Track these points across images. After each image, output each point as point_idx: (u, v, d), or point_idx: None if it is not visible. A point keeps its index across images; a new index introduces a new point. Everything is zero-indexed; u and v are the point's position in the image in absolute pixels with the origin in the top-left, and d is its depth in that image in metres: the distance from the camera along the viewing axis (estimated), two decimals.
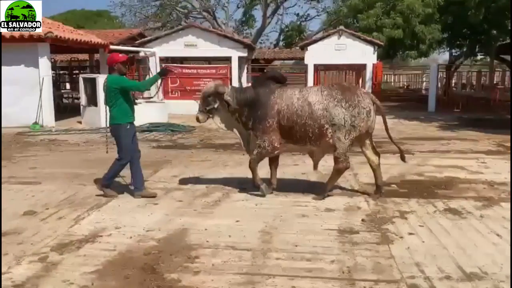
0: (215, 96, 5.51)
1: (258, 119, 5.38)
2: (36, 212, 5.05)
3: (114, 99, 5.46)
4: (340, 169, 5.41)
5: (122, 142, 5.57)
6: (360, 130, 5.23)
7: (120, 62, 5.51)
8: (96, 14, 47.36)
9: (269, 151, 5.47)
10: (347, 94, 5.20)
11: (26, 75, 12.25)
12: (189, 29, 16.27)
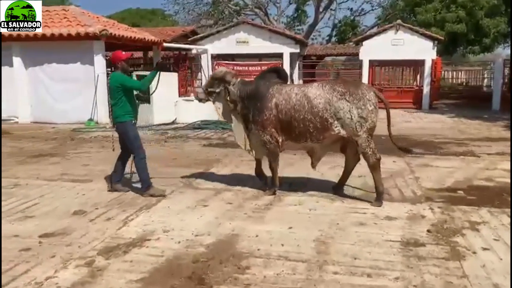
0: (220, 81, 5.55)
1: (257, 111, 5.35)
2: (85, 212, 4.98)
3: (117, 97, 5.46)
4: (374, 164, 5.15)
5: (133, 139, 5.63)
6: (373, 121, 5.05)
7: (124, 60, 5.52)
8: (151, 13, 48.50)
9: (275, 144, 5.40)
10: (350, 87, 5.07)
11: (82, 72, 12.51)
12: (240, 26, 16.11)
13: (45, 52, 12.54)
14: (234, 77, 5.62)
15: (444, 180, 6.29)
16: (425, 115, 14.49)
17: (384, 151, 8.12)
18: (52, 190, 5.87)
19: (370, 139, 5.09)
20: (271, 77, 5.49)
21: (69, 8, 13.47)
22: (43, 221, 4.69)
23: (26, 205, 5.24)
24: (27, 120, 12.84)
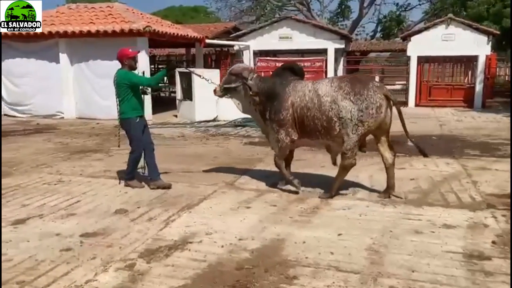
0: (238, 77, 5.57)
1: (274, 111, 5.33)
2: (127, 211, 4.88)
3: (124, 94, 5.53)
4: (346, 166, 5.12)
5: (132, 135, 5.70)
6: (369, 126, 4.90)
7: (130, 57, 5.59)
8: (193, 10, 48.95)
9: (288, 143, 5.37)
10: (357, 86, 4.90)
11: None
12: (284, 21, 15.82)
13: (90, 49, 12.69)
14: (252, 72, 5.67)
15: (505, 185, 5.81)
16: (478, 114, 13.74)
17: (436, 151, 7.71)
18: (95, 187, 5.82)
19: (357, 144, 5.00)
20: (287, 75, 5.45)
21: (114, 5, 13.57)
22: (85, 220, 4.61)
23: (68, 202, 5.19)
24: (73, 116, 13.06)
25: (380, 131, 5.14)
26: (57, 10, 14.15)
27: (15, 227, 4.40)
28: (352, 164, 5.10)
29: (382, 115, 4.90)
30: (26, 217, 4.69)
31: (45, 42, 12.91)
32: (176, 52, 22.84)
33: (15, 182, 6.10)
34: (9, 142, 9.33)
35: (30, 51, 13.10)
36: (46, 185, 5.96)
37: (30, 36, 12.78)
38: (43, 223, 4.53)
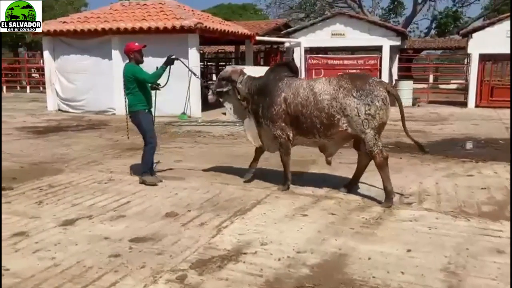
0: (228, 81, 5.57)
1: (266, 106, 5.30)
2: (177, 215, 4.65)
3: (130, 87, 5.62)
4: (381, 163, 4.92)
5: (144, 127, 5.75)
6: (381, 118, 4.82)
7: (136, 51, 5.64)
8: (242, 8, 49.03)
9: (286, 138, 5.33)
10: (358, 82, 4.86)
11: (176, 66, 12.47)
12: (336, 17, 15.30)
13: None
14: (241, 75, 5.60)
15: None
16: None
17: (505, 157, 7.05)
18: (144, 188, 5.66)
19: (377, 137, 4.89)
20: (282, 71, 5.40)
21: (166, 2, 13.54)
22: (134, 223, 4.42)
23: (118, 203, 5.04)
24: (124, 112, 13.10)
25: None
26: (111, 7, 14.31)
27: (64, 228, 4.26)
28: (385, 157, 4.92)
29: (389, 107, 4.85)
30: (75, 217, 4.57)
31: (98, 39, 13.06)
32: (225, 50, 22.71)
33: (66, 179, 6.04)
34: (62, 137, 9.43)
35: (84, 48, 13.30)
36: (96, 183, 5.86)
37: (84, 33, 13.00)
38: (92, 225, 4.37)
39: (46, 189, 5.56)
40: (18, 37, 25.19)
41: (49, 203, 5.03)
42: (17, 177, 6.15)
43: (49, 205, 4.96)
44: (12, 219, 4.51)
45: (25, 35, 23.96)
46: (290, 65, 5.57)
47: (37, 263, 3.52)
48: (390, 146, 8.31)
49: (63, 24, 13.47)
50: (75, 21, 13.48)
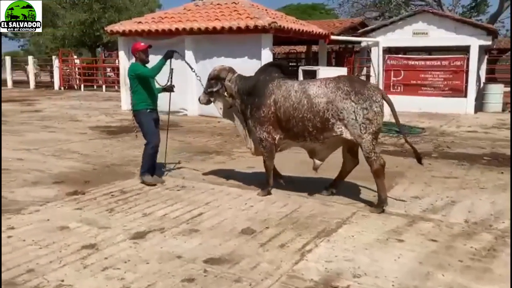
0: (217, 80, 5.49)
1: (255, 107, 5.17)
2: (254, 232, 4.21)
3: (134, 86, 5.70)
4: (377, 170, 4.80)
5: (145, 127, 5.76)
6: (378, 123, 4.70)
7: (141, 50, 5.74)
8: (311, 7, 48.35)
9: (272, 142, 5.19)
10: (357, 86, 4.72)
11: (249, 67, 12.02)
12: (419, 15, 14.24)
13: (214, 46, 12.51)
14: (230, 72, 5.50)
15: None
16: None
17: None
18: (218, 197, 5.28)
19: (375, 143, 4.76)
20: (272, 72, 5.25)
21: (239, 1, 13.25)
22: (209, 240, 4.03)
23: (191, 214, 4.69)
24: (195, 113, 13.00)
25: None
26: (184, 7, 14.25)
27: (134, 243, 3.95)
28: (381, 164, 4.79)
29: (383, 114, 4.75)
30: (146, 229, 4.25)
31: (172, 39, 13.00)
32: (297, 50, 22.19)
33: (137, 185, 5.80)
34: (134, 138, 9.33)
35: (158, 49, 13.24)
36: (168, 190, 5.56)
37: (158, 33, 13.00)
38: (164, 240, 4.03)
39: (117, 195, 5.34)
40: (96, 38, 26.18)
41: (120, 211, 4.78)
42: (90, 180, 6.01)
43: (120, 214, 4.70)
44: (83, 228, 4.28)
45: (102, 36, 24.82)
46: (281, 66, 5.46)
47: (106, 285, 3.20)
48: (486, 158, 7.42)
49: (138, 24, 13.58)
50: (149, 21, 13.55)
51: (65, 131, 10.22)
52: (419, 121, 11.81)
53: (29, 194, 5.37)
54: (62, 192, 5.46)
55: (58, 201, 5.11)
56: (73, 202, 5.09)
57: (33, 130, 10.35)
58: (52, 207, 4.93)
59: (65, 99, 18.03)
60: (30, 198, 5.20)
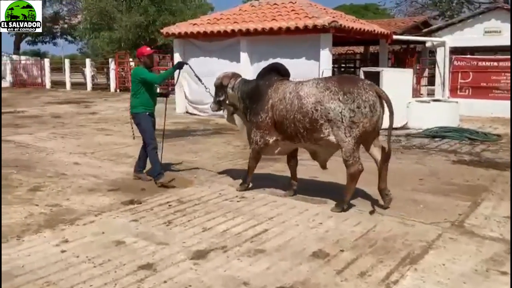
0: (221, 88, 5.54)
1: (254, 112, 5.19)
2: (328, 255, 3.71)
3: (135, 89, 5.83)
4: (353, 173, 4.70)
5: (144, 129, 5.89)
6: (364, 127, 4.52)
7: (146, 55, 5.83)
8: (364, 8, 47.23)
9: (261, 146, 5.22)
10: (346, 85, 4.58)
11: (306, 68, 11.61)
12: (491, 12, 13.19)
13: (271, 47, 12.10)
14: (232, 78, 5.51)
15: None
16: None
17: None
18: (282, 211, 4.83)
19: (356, 148, 4.62)
20: (271, 76, 5.20)
21: (296, 0, 12.76)
22: (277, 263, 3.58)
23: (254, 231, 4.25)
24: None
25: (373, 134, 4.75)
26: (240, 8, 13.97)
27: (195, 263, 3.56)
28: (359, 170, 4.67)
29: (377, 113, 4.58)
30: (207, 247, 3.86)
31: (227, 41, 12.75)
32: (354, 51, 21.41)
33: (195, 194, 5.46)
34: (190, 142, 9.09)
35: (213, 50, 13.08)
36: (228, 201, 5.17)
37: (213, 35, 12.77)
38: (227, 261, 3.62)
39: (175, 206, 5.01)
40: (151, 40, 26.49)
41: (178, 225, 4.42)
42: (146, 188, 5.73)
43: (179, 228, 4.34)
44: (139, 244, 3.95)
45: (157, 38, 25.06)
46: (279, 68, 5.36)
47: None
48: None
49: (193, 26, 13.40)
50: (205, 23, 13.34)
51: (121, 134, 10.11)
52: (492, 127, 10.86)
53: (84, 202, 5.14)
54: (117, 201, 5.19)
55: (113, 211, 4.84)
56: (128, 212, 4.79)
57: (89, 132, 10.33)
58: (108, 217, 4.65)
59: (121, 101, 18.21)
60: (85, 207, 4.96)
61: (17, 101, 18.48)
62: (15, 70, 29.55)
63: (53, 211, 4.83)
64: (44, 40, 37.02)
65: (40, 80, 28.05)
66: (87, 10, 25.63)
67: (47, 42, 37.62)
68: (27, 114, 14.15)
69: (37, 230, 4.27)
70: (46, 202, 5.15)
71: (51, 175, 6.36)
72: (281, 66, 5.42)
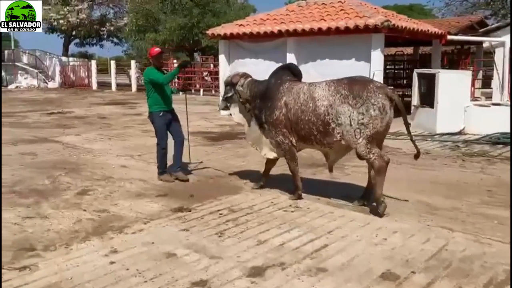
0: (231, 85, 5.63)
1: (268, 111, 5.20)
2: (399, 278, 3.34)
3: (148, 90, 6.03)
4: (381, 167, 4.60)
5: (156, 127, 6.10)
6: (375, 127, 4.51)
7: (154, 56, 6.01)
8: (408, 8, 46.06)
9: (289, 144, 5.16)
10: (355, 88, 4.57)
11: (356, 69, 11.10)
12: None
13: (319, 48, 11.75)
14: (242, 77, 5.61)
15: None
16: None
17: None
18: (341, 224, 4.47)
19: (370, 146, 4.60)
20: (283, 75, 5.28)
21: (346, 0, 12.34)
22: (342, 285, 3.24)
23: (313, 246, 3.93)
24: None
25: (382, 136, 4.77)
26: (287, 8, 13.69)
27: (252, 282, 3.28)
28: (381, 165, 4.62)
29: (388, 115, 4.57)
30: (264, 264, 3.57)
31: (273, 42, 12.48)
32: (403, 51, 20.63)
33: (246, 202, 5.19)
34: (236, 146, 8.84)
35: (259, 51, 12.84)
36: (281, 211, 4.87)
37: (260, 36, 12.53)
38: (286, 280, 3.31)
39: (226, 214, 4.75)
40: (195, 42, 26.60)
41: (231, 236, 4.15)
42: (195, 194, 5.50)
43: (231, 239, 4.07)
44: (191, 257, 3.70)
45: (201, 40, 25.12)
46: (292, 68, 5.44)
47: None
48: None
49: (239, 27, 13.20)
50: (251, 24, 13.12)
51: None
52: None
53: (132, 208, 4.97)
54: (166, 207, 4.99)
55: (162, 219, 4.63)
56: (178, 221, 4.57)
57: (135, 134, 10.29)
58: (157, 226, 4.44)
59: None
60: (134, 214, 4.78)
61: (65, 102, 18.91)
62: (64, 71, 30.40)
63: (101, 217, 4.67)
64: (91, 42, 37.98)
65: (87, 81, 28.72)
66: (133, 12, 26.01)
67: (94, 44, 38.59)
68: (74, 114, 14.37)
69: (85, 237, 4.11)
70: (94, 207, 5.01)
71: (98, 178, 6.26)
72: (293, 66, 5.53)
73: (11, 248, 3.86)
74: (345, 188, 5.69)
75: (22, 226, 4.40)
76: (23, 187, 5.79)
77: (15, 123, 12.19)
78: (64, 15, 29.46)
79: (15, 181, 6.06)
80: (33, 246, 3.91)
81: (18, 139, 9.50)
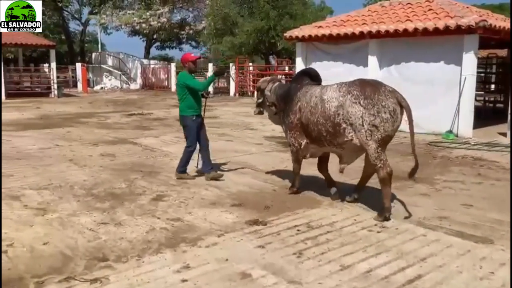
0: (261, 91, 5.90)
1: (285, 114, 5.37)
2: None
3: (181, 94, 6.13)
4: (383, 177, 4.63)
5: (189, 131, 6.23)
6: (386, 131, 4.53)
7: (191, 61, 6.16)
8: (498, 8, 42.99)
9: (298, 147, 5.32)
10: (367, 90, 4.57)
11: (444, 73, 10.38)
12: None
13: (403, 50, 11.04)
14: (270, 82, 5.84)
15: None
16: None
17: None
18: (435, 250, 3.93)
19: (380, 150, 4.59)
20: (303, 80, 5.35)
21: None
22: None
23: (405, 275, 3.45)
24: None
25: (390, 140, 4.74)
26: (369, 8, 13.07)
27: None
28: (389, 172, 4.59)
29: (399, 119, 4.56)
30: None
31: (354, 44, 11.92)
32: (497, 54, 19.01)
33: (326, 217, 4.80)
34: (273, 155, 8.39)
35: (338, 54, 12.34)
36: (365, 230, 4.40)
37: (339, 37, 12.03)
38: None
39: (304, 231, 4.38)
40: (270, 45, 26.46)
41: (310, 257, 3.78)
42: (270, 205, 5.19)
43: (311, 262, 3.69)
44: (268, 279, 3.38)
45: (277, 43, 24.92)
46: (310, 72, 5.46)
47: None
48: None
49: (318, 28, 12.77)
50: (330, 25, 12.64)
51: (241, 140, 9.85)
52: None
53: (207, 218, 4.75)
54: (241, 219, 4.72)
55: (237, 232, 4.36)
56: (253, 235, 4.27)
57: (210, 138, 10.06)
58: (231, 239, 4.17)
59: (240, 105, 18.26)
60: (208, 225, 4.55)
61: (146, 103, 19.48)
62: (144, 73, 31.60)
63: (174, 227, 4.49)
64: (171, 45, 39.28)
65: (166, 83, 29.61)
66: (211, 15, 26.39)
67: (173, 47, 39.87)
68: (153, 116, 14.69)
69: (158, 249, 3.92)
70: (168, 215, 4.85)
71: (174, 183, 6.15)
72: (312, 70, 5.52)
73: (85, 257, 3.76)
74: (437, 210, 5.09)
75: (96, 232, 4.32)
76: (101, 190, 5.80)
77: (98, 124, 12.64)
78: (146, 19, 30.64)
79: (93, 183, 6.10)
80: (106, 255, 3.79)
81: (99, 139, 9.77)
